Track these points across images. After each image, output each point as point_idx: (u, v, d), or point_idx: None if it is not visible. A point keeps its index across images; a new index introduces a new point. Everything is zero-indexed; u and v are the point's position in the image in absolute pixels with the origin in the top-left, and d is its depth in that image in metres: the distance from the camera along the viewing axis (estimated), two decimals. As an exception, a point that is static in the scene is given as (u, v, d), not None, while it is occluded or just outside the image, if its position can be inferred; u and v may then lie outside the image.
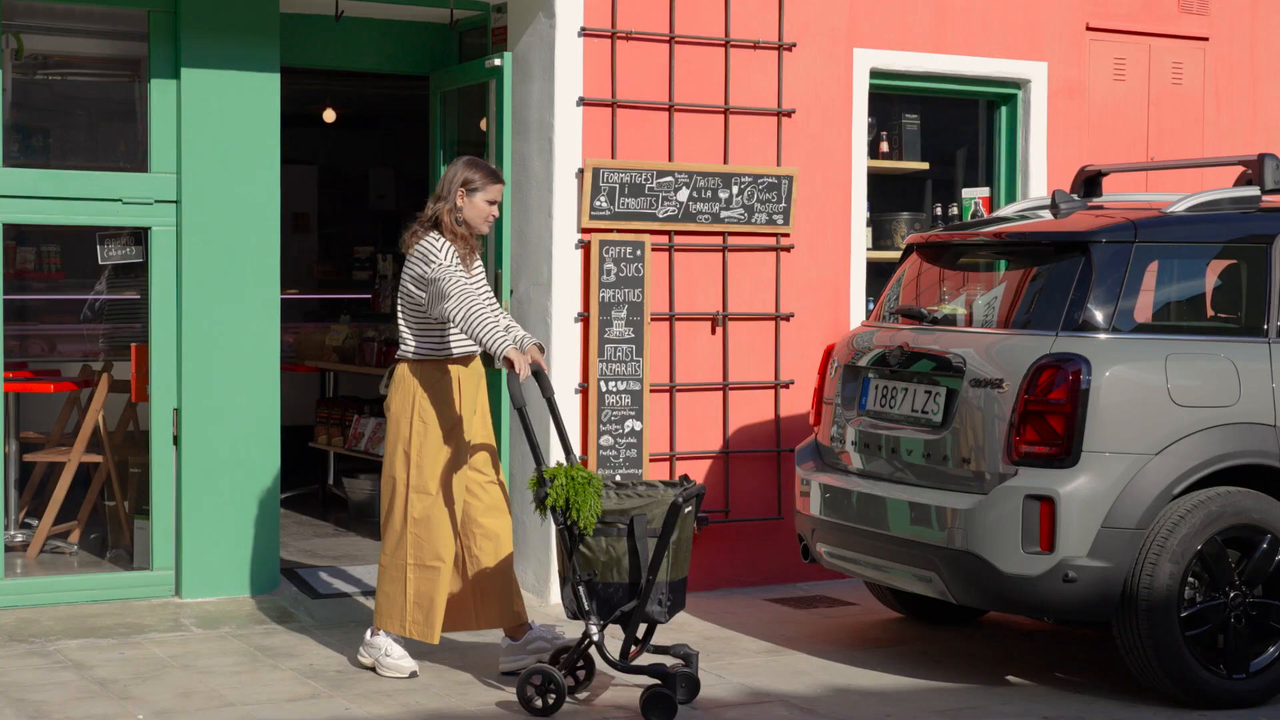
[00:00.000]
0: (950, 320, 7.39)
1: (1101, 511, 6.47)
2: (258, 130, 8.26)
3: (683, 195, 8.60)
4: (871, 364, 7.43)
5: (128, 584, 8.24)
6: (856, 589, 8.66)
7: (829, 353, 7.82)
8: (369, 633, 7.07)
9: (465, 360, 6.96)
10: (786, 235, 8.93)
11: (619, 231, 8.47)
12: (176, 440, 8.17)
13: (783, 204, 8.85)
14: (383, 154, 16.45)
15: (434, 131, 9.36)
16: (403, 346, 6.96)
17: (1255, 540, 6.61)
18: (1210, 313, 7.05)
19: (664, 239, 8.63)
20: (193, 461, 8.16)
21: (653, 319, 8.58)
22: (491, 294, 6.95)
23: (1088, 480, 6.47)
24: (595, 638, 6.40)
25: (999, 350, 6.80)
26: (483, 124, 8.82)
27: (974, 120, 9.89)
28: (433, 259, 6.76)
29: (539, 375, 6.79)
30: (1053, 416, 6.52)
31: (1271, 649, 6.65)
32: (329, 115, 13.99)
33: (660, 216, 8.56)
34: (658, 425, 8.65)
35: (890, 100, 9.56)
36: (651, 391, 8.58)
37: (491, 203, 6.93)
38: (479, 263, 7.01)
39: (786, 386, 8.95)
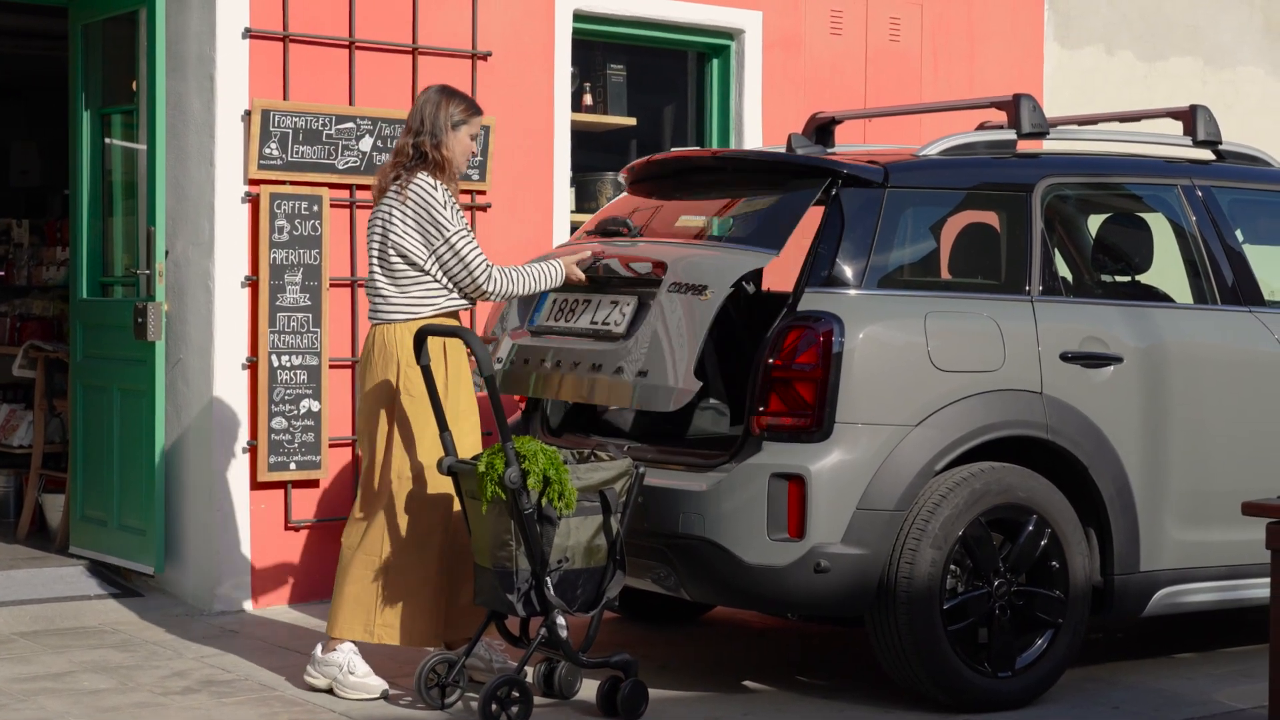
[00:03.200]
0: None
1: (857, 491, 5.68)
2: None
3: (365, 144, 7.64)
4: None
5: None
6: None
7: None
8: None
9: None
10: (483, 193, 8.03)
11: (293, 184, 7.50)
12: None
13: (478, 158, 7.92)
14: (27, 126, 15.09)
15: (74, 75, 8.17)
16: (383, 309, 6.04)
17: (1020, 521, 5.92)
18: (970, 267, 6.33)
19: (344, 193, 7.69)
20: None
21: (332, 284, 7.62)
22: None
23: (841, 455, 5.68)
24: (564, 634, 5.74)
25: (737, 309, 5.97)
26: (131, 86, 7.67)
27: (684, 73, 9.13)
28: (437, 211, 5.95)
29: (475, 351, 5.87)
30: (801, 383, 5.71)
31: (1039, 642, 5.97)
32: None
33: (340, 168, 7.61)
34: (338, 405, 7.66)
35: (595, 48, 8.74)
36: (331, 367, 7.62)
37: (474, 138, 6.19)
38: None
39: (484, 362, 8.01)
